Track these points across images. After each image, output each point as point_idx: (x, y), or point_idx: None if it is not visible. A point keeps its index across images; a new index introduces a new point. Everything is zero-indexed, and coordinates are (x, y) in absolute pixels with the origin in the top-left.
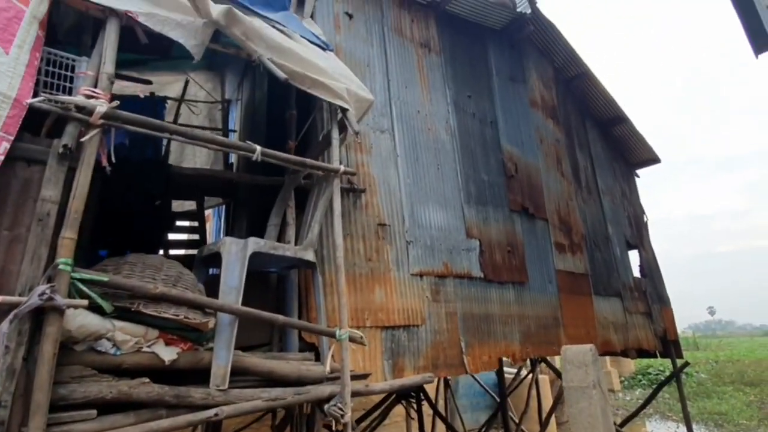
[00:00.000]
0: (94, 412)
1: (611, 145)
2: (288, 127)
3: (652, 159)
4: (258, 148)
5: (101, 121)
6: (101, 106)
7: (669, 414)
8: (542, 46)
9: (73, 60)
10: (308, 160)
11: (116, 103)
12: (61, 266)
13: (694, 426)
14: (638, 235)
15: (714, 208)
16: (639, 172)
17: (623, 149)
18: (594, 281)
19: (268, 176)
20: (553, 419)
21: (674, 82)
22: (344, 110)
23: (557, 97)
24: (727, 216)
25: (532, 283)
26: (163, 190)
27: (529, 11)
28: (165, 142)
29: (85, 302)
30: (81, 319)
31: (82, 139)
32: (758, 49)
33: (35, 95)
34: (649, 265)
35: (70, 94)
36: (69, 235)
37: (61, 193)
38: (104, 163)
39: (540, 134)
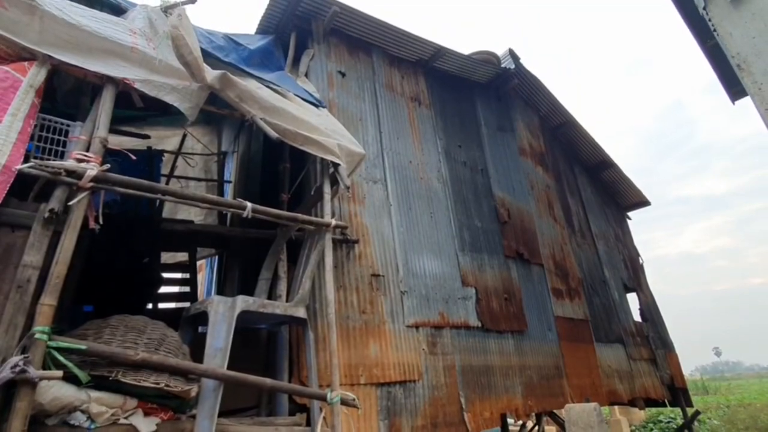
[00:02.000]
0: None
1: (601, 189)
2: (281, 179)
3: (642, 202)
4: (249, 205)
5: (91, 184)
6: (92, 170)
7: None
8: (527, 97)
9: (68, 125)
10: (300, 216)
11: (107, 166)
12: (37, 335)
13: None
14: (635, 278)
15: (706, 248)
16: (630, 214)
17: (613, 193)
18: (594, 327)
19: (260, 229)
20: None
21: (657, 124)
22: (336, 165)
23: (545, 144)
24: (720, 255)
25: (532, 331)
26: (153, 247)
27: (513, 66)
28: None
29: (60, 373)
30: (55, 391)
31: (70, 203)
32: (734, 97)
33: (26, 160)
34: (649, 308)
35: (62, 157)
36: (48, 301)
37: (44, 258)
38: (92, 224)
39: (530, 180)
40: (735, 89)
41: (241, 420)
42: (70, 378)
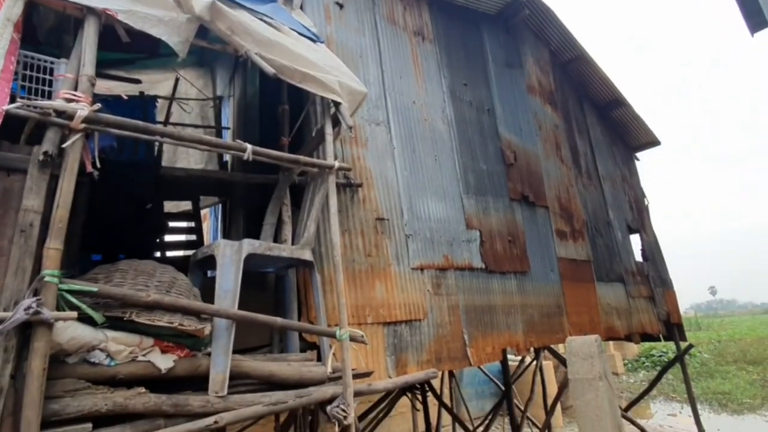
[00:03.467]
0: (89, 425)
1: (610, 128)
2: (281, 123)
3: (652, 142)
4: (249, 146)
5: (83, 125)
6: (82, 110)
7: (673, 395)
8: (538, 30)
9: (51, 62)
10: (302, 158)
11: (98, 106)
12: (47, 278)
13: (698, 406)
14: (639, 219)
15: (714, 192)
16: (639, 155)
17: (623, 133)
18: (596, 267)
19: (262, 174)
20: (558, 404)
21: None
22: (337, 104)
23: (554, 81)
24: (728, 198)
25: (534, 272)
26: (153, 192)
27: None
28: (157, 142)
29: (75, 314)
30: (71, 332)
31: (64, 145)
32: (753, 28)
33: (12, 101)
34: (651, 249)
35: (50, 98)
36: (54, 245)
37: (44, 202)
38: (89, 168)
39: (538, 120)
40: (755, 20)
41: (255, 356)
42: (85, 320)
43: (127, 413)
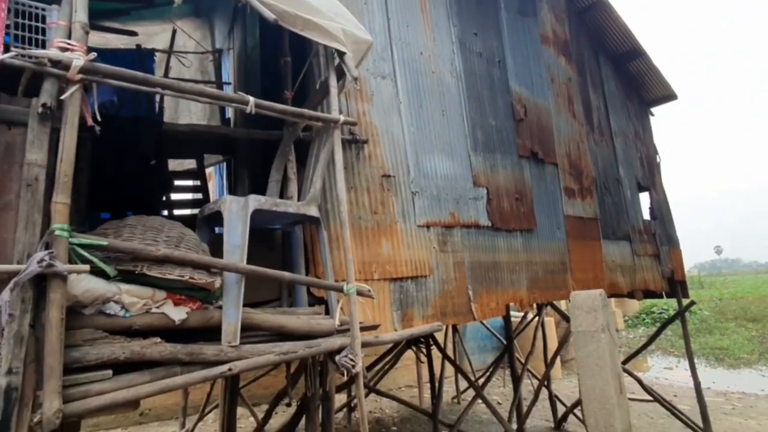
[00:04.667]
0: (110, 372)
1: (626, 82)
2: (283, 75)
3: (669, 95)
4: (251, 99)
5: (80, 76)
6: (78, 60)
7: (671, 350)
8: None
9: (43, 9)
10: (306, 111)
11: (93, 55)
12: (57, 232)
13: (695, 360)
14: (650, 176)
15: (730, 146)
16: (654, 110)
17: (638, 86)
18: (603, 225)
19: (266, 130)
20: (558, 358)
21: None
22: (341, 54)
23: (570, 31)
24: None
25: (541, 230)
26: (156, 148)
27: None
28: (158, 98)
29: (87, 267)
30: (86, 284)
31: (62, 97)
32: None
33: (6, 51)
34: (660, 207)
35: (44, 47)
36: (61, 199)
37: (47, 156)
38: (89, 122)
39: (551, 73)
40: None
41: (265, 310)
42: (98, 273)
43: (145, 361)
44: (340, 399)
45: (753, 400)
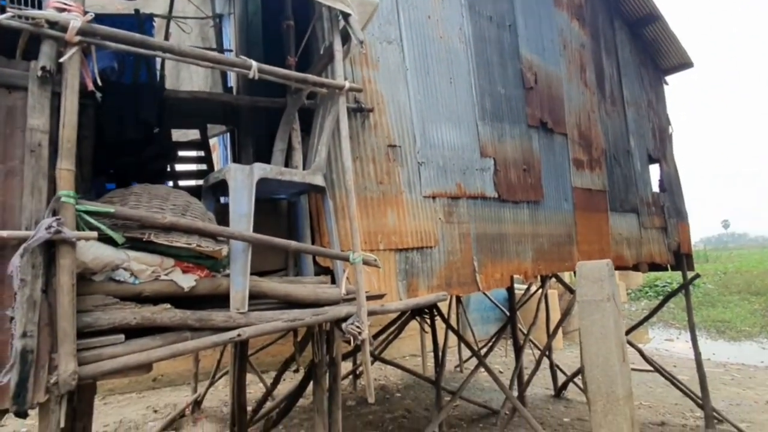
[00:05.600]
0: (122, 336)
1: (641, 48)
2: (286, 40)
3: (685, 63)
4: (254, 63)
5: (78, 38)
6: (75, 21)
7: (672, 322)
8: None
9: None
10: (310, 77)
11: (91, 15)
12: (63, 198)
13: (696, 333)
14: (661, 148)
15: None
16: (668, 78)
17: (653, 52)
18: (611, 198)
19: (269, 97)
20: (559, 329)
21: None
22: (346, 16)
23: None
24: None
25: (547, 202)
26: (159, 115)
27: None
28: (159, 65)
29: (95, 234)
30: (94, 251)
31: (61, 60)
32: None
33: (2, 11)
34: (670, 180)
35: (40, 8)
36: (66, 166)
37: (49, 122)
38: (89, 86)
39: (563, 38)
40: None
41: (272, 279)
42: (106, 241)
43: (155, 326)
44: (345, 367)
45: (752, 371)
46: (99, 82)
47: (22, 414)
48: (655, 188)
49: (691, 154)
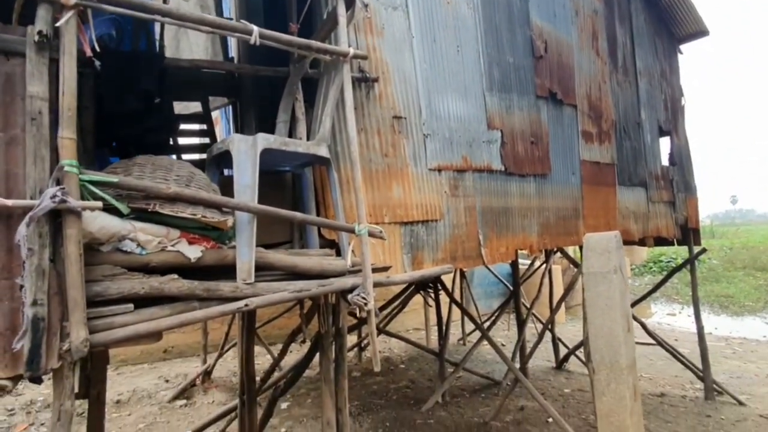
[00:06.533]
0: (131, 305)
1: (655, 15)
2: (288, 7)
3: (701, 31)
4: (255, 28)
5: (74, 0)
6: None
7: (675, 297)
8: None
9: None
10: (314, 43)
11: None
12: (66, 168)
13: (699, 307)
14: (673, 120)
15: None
16: (688, 45)
17: (669, 20)
18: (619, 171)
19: (271, 66)
20: (562, 304)
21: None
22: None
23: None
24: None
25: (555, 175)
26: (159, 84)
27: None
28: (158, 34)
29: (100, 204)
30: (100, 221)
31: (57, 24)
32: None
33: None
34: (680, 153)
35: None
36: (67, 134)
37: (48, 89)
38: (87, 52)
39: (576, 4)
40: None
41: (278, 250)
42: (112, 212)
43: (163, 296)
44: (350, 340)
45: (754, 345)
46: (97, 48)
47: (36, 380)
48: (665, 161)
49: (703, 128)
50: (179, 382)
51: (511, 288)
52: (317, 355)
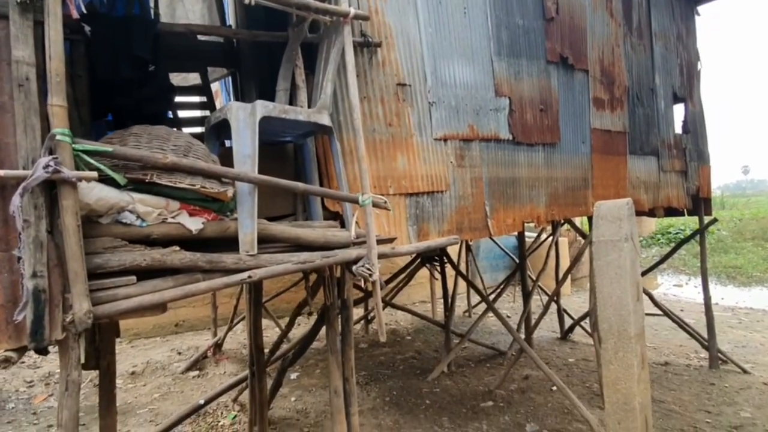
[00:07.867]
0: (134, 277)
1: None
2: None
3: None
4: None
5: None
6: None
7: (682, 268)
8: None
9: None
10: (312, 2)
11: None
12: (59, 137)
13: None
14: (688, 86)
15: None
16: (702, 9)
17: None
18: (631, 139)
19: (269, 31)
20: (568, 276)
21: None
22: None
23: None
24: None
25: (564, 144)
26: (153, 51)
27: None
28: (152, 1)
29: (95, 174)
30: (98, 192)
31: None
32: None
33: None
34: (695, 120)
35: None
36: (57, 102)
37: (35, 54)
38: (74, 15)
39: None
40: None
41: (281, 223)
42: (108, 183)
43: (166, 268)
44: (357, 313)
45: (760, 315)
46: (84, 10)
47: (42, 351)
48: (678, 129)
49: (718, 94)
50: (191, 354)
51: (517, 261)
52: (324, 327)
